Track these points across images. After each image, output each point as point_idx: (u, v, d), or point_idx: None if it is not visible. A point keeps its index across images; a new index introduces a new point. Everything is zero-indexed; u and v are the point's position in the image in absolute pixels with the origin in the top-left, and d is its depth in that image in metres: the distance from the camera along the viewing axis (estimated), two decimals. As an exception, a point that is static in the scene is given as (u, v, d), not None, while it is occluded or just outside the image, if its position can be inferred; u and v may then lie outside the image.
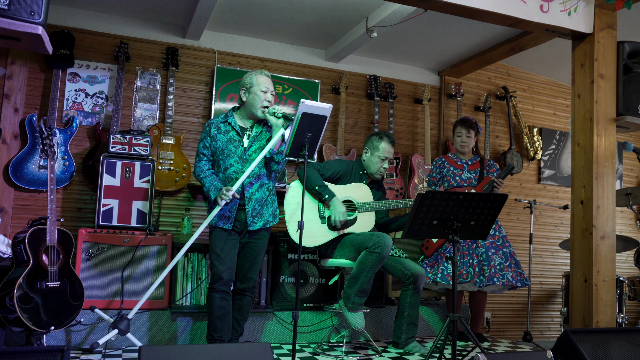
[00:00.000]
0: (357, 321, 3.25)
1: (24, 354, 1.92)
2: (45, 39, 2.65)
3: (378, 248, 3.20)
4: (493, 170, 3.95)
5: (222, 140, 3.08)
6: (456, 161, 3.97)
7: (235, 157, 3.06)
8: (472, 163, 3.96)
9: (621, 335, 2.84)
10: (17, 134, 3.86)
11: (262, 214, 3.12)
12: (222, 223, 3.06)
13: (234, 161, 3.06)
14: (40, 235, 2.88)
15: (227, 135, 3.09)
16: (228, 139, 3.08)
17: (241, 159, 3.06)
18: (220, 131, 3.11)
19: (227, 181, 3.05)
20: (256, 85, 3.08)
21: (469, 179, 3.89)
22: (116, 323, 2.95)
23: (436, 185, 4.01)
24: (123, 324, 2.95)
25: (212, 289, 3.02)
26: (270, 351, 2.18)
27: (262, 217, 3.12)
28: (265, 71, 3.17)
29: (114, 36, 4.23)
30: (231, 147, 3.07)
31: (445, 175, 3.95)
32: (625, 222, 5.95)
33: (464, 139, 3.94)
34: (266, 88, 3.08)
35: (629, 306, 5.56)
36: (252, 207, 3.07)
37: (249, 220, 3.07)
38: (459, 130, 3.97)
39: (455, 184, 3.91)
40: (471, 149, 4.01)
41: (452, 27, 4.34)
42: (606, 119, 3.46)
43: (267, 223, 3.16)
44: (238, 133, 3.09)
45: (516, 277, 3.71)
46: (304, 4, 4.00)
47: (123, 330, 2.94)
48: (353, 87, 4.95)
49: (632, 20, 4.02)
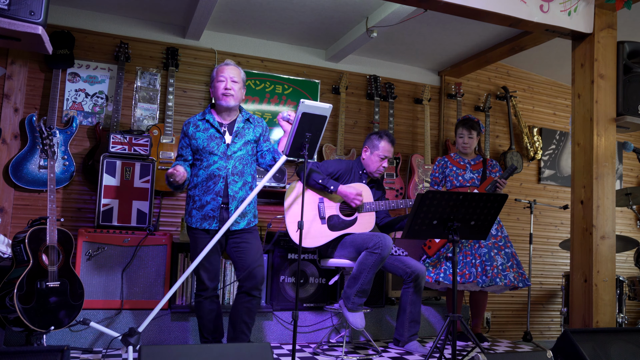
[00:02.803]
0: (357, 321, 3.25)
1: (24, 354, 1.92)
2: (45, 39, 2.65)
3: (378, 249, 3.20)
4: (495, 171, 3.93)
5: (202, 138, 3.00)
6: (459, 161, 3.96)
7: (218, 154, 2.98)
8: (474, 163, 3.95)
9: (621, 335, 2.84)
10: (17, 134, 3.86)
11: (245, 214, 3.04)
12: (208, 224, 2.96)
13: (218, 158, 2.98)
14: (40, 235, 2.88)
15: (207, 133, 3.01)
16: (208, 137, 3.00)
17: (225, 155, 2.98)
18: (199, 129, 3.02)
19: (210, 178, 2.96)
20: (215, 77, 3.04)
21: (471, 179, 3.88)
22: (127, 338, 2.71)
23: (439, 185, 4.00)
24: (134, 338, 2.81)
25: (200, 296, 3.01)
26: (270, 351, 2.18)
27: (244, 216, 3.04)
28: (228, 60, 3.10)
29: (114, 36, 4.23)
30: (213, 145, 2.99)
31: (448, 175, 3.94)
32: (625, 222, 5.95)
33: (466, 140, 3.93)
34: (223, 77, 3.00)
35: (629, 306, 5.56)
36: (236, 206, 2.97)
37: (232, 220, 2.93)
38: (461, 131, 3.95)
39: (458, 184, 3.90)
40: (474, 149, 3.99)
41: (452, 27, 4.34)
42: (606, 119, 3.46)
43: (250, 223, 3.07)
44: (218, 130, 3.02)
45: (518, 277, 3.72)
46: (304, 4, 4.00)
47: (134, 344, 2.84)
48: (353, 87, 4.95)
49: (632, 20, 4.02)
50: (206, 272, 2.99)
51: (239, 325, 2.98)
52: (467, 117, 4.01)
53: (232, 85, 3.01)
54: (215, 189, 2.95)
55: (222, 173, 2.97)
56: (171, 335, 3.45)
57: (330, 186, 3.39)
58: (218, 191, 2.95)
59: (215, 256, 3.01)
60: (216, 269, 3.03)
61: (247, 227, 3.05)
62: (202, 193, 2.98)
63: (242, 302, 2.99)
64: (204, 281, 3.00)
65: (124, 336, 2.54)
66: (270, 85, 4.61)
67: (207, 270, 2.99)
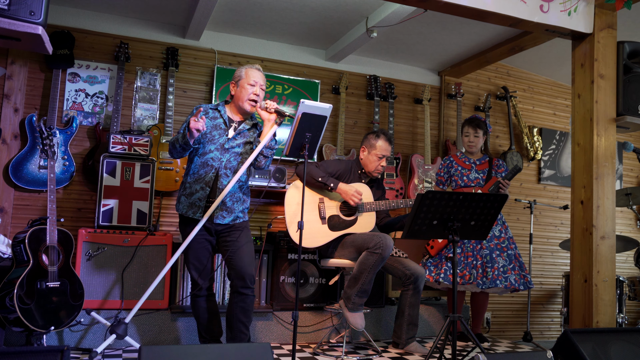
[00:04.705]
0: (357, 321, 3.25)
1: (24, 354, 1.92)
2: (45, 39, 2.65)
3: (379, 249, 3.20)
4: (501, 171, 3.91)
5: (208, 125, 2.98)
6: (464, 161, 3.95)
7: (217, 144, 2.97)
8: (480, 163, 3.94)
9: (621, 335, 2.83)
10: (17, 134, 3.86)
11: (233, 210, 2.99)
12: (192, 212, 2.94)
13: (215, 148, 2.96)
14: (40, 235, 2.88)
15: (214, 122, 3.01)
16: (214, 125, 3.00)
17: (222, 147, 2.97)
18: (209, 116, 3.02)
19: (203, 166, 2.95)
20: (244, 78, 3.02)
21: (476, 179, 3.87)
22: (114, 328, 2.88)
23: (444, 184, 4.00)
24: (120, 328, 2.87)
25: (195, 295, 3.03)
26: (270, 351, 2.18)
27: (232, 212, 2.99)
28: (258, 66, 3.09)
29: (114, 36, 4.23)
30: (215, 134, 2.98)
31: (453, 174, 3.93)
32: (625, 222, 5.95)
33: (472, 138, 3.92)
34: (254, 81, 2.99)
35: (629, 306, 5.56)
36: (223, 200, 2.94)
37: (217, 213, 2.94)
38: (467, 130, 3.94)
39: (463, 184, 3.89)
40: (480, 148, 3.98)
41: (452, 27, 4.34)
42: (606, 119, 3.46)
43: (237, 219, 3.02)
44: (225, 122, 3.02)
45: (519, 280, 3.69)
46: (304, 4, 4.00)
47: (121, 334, 2.87)
48: (353, 87, 4.95)
49: (632, 20, 4.02)
50: (196, 270, 3.00)
51: (235, 325, 2.97)
52: (474, 116, 4.01)
53: (260, 92, 3.02)
54: (206, 179, 2.94)
55: (216, 164, 2.95)
56: (171, 335, 3.44)
57: (330, 184, 3.39)
58: (208, 181, 2.94)
59: (204, 253, 3.01)
60: (206, 267, 3.02)
61: (233, 222, 3.00)
62: (193, 181, 2.98)
63: (236, 301, 2.97)
64: (195, 279, 3.02)
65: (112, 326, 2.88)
66: (270, 85, 4.61)
67: (196, 268, 3.00)
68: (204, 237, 2.99)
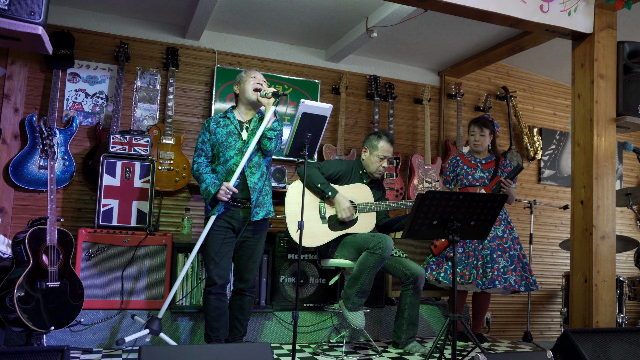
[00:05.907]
0: (357, 320, 3.25)
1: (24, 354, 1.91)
2: (45, 39, 2.66)
3: (379, 249, 3.20)
4: (507, 170, 3.89)
5: (221, 133, 3.13)
6: (470, 160, 3.94)
7: (235, 149, 3.10)
8: (486, 162, 3.92)
9: (621, 335, 2.83)
10: (17, 134, 3.86)
11: (264, 204, 3.16)
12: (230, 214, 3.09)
13: (234, 154, 3.09)
14: (40, 235, 2.88)
15: (226, 129, 3.14)
16: (227, 132, 3.13)
17: (241, 152, 3.10)
18: (220, 125, 3.16)
19: (228, 174, 3.08)
20: (245, 76, 3.21)
21: (481, 178, 3.86)
22: (149, 324, 2.96)
23: (450, 183, 4.00)
24: (155, 324, 2.96)
25: (208, 292, 3.07)
26: (270, 351, 2.18)
27: (263, 206, 3.15)
28: (256, 68, 3.32)
29: (114, 36, 4.23)
30: (231, 140, 3.11)
31: (459, 174, 3.93)
32: (625, 222, 5.95)
33: (477, 137, 3.91)
34: (255, 75, 3.19)
35: (629, 306, 5.56)
36: (256, 197, 3.09)
37: (252, 212, 3.09)
38: (472, 129, 3.94)
39: (468, 183, 3.88)
40: (487, 147, 3.97)
41: (452, 27, 4.34)
42: (606, 119, 3.46)
43: (269, 213, 3.19)
44: (237, 127, 3.15)
45: (520, 281, 3.66)
46: (304, 4, 4.00)
47: (156, 330, 2.96)
48: (353, 87, 4.95)
49: (632, 20, 4.02)
50: (216, 267, 3.04)
51: (232, 321, 3.14)
52: (482, 116, 4.00)
53: (263, 83, 3.20)
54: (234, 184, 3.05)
55: None
56: (171, 335, 3.44)
57: (328, 192, 3.39)
58: (237, 185, 3.05)
59: (228, 253, 3.08)
60: (227, 264, 3.08)
61: (266, 216, 3.18)
62: None
63: (234, 299, 3.17)
64: (211, 276, 3.05)
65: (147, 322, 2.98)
66: (271, 85, 4.61)
67: (217, 265, 3.04)
68: (231, 242, 3.11)
